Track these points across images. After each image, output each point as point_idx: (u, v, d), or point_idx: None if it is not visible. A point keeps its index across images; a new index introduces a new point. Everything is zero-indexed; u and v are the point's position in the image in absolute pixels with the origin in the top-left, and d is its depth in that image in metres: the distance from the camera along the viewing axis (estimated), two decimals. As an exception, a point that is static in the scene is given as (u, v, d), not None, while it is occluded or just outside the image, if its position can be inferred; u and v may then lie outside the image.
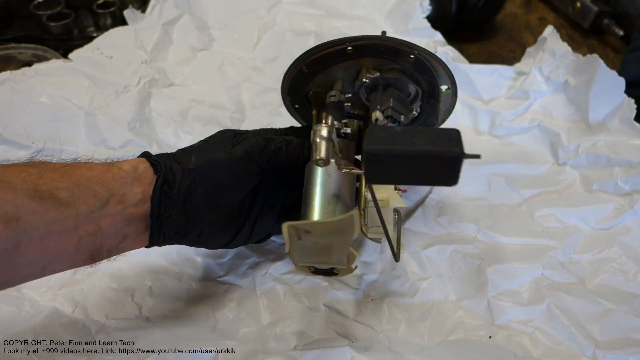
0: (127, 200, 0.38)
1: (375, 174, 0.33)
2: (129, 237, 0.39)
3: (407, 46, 0.43)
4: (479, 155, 0.32)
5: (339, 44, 0.43)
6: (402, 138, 0.32)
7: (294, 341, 0.44)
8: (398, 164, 0.32)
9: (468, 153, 0.32)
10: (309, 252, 0.40)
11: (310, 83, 0.46)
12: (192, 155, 0.42)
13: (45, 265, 0.35)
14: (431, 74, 0.44)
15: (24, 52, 0.73)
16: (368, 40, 0.43)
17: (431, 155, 0.31)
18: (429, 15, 0.77)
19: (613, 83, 0.61)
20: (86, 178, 0.36)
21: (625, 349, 0.43)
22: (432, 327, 0.46)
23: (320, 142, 0.39)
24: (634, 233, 0.52)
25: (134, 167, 0.39)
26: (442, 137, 0.32)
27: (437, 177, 0.33)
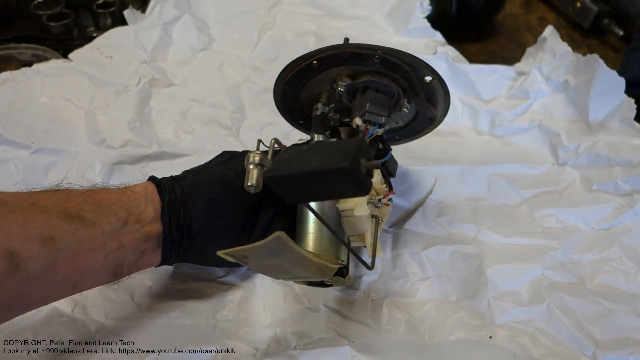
0: (143, 219, 0.41)
1: (288, 195, 0.35)
2: (145, 253, 0.41)
3: (369, 49, 0.42)
4: (378, 162, 0.33)
5: (304, 60, 0.43)
6: (300, 159, 0.33)
7: (294, 341, 0.44)
8: (301, 184, 0.33)
9: (366, 163, 0.32)
10: (269, 270, 0.40)
11: (298, 99, 0.48)
12: (190, 173, 0.45)
13: (77, 283, 0.38)
14: (404, 69, 0.43)
15: (24, 52, 0.73)
16: (328, 51, 0.43)
17: (320, 172, 0.31)
18: (429, 15, 0.77)
19: (613, 83, 0.61)
20: (106, 201, 0.40)
21: (625, 348, 0.43)
22: (432, 327, 0.46)
23: (251, 169, 0.40)
24: (634, 233, 0.52)
25: (144, 189, 0.43)
26: (338, 151, 0.32)
27: (346, 189, 0.33)
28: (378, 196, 0.43)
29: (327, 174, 0.31)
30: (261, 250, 0.34)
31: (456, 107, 0.68)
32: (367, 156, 0.32)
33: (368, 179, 0.33)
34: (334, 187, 0.33)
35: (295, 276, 0.42)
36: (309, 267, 0.39)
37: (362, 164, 0.32)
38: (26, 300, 0.36)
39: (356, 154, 0.31)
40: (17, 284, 0.34)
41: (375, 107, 0.43)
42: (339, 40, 0.75)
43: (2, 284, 0.33)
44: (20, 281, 0.34)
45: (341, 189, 0.33)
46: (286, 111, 0.50)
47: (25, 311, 0.38)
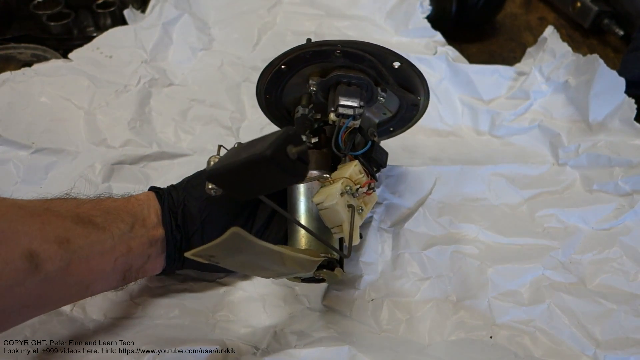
0: (148, 224, 0.43)
1: (234, 191, 0.35)
2: (151, 257, 0.43)
3: (328, 44, 0.42)
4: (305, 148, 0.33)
5: (274, 67, 0.44)
6: (234, 153, 0.33)
7: (294, 340, 0.44)
8: (237, 178, 0.33)
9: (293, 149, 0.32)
10: (250, 269, 0.40)
11: (283, 105, 0.48)
12: (186, 179, 0.47)
13: (89, 285, 0.39)
14: (367, 59, 0.43)
15: (24, 52, 0.73)
16: (291, 53, 0.43)
17: (247, 163, 0.32)
18: (429, 15, 0.77)
19: (613, 83, 0.61)
20: (113, 207, 0.42)
21: (626, 349, 0.43)
22: (432, 327, 0.46)
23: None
24: (634, 233, 0.52)
25: (147, 197, 0.45)
26: (265, 141, 0.32)
27: (279, 178, 0.33)
28: (356, 185, 0.44)
29: (253, 164, 0.32)
30: (222, 247, 0.34)
31: (456, 107, 0.68)
32: (296, 142, 0.32)
33: (300, 165, 0.33)
34: (268, 177, 0.33)
35: (278, 273, 0.42)
36: (285, 262, 0.39)
37: (290, 151, 0.32)
38: (43, 301, 0.37)
39: (279, 142, 0.31)
40: (36, 284, 0.35)
41: (346, 100, 0.43)
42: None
43: (23, 283, 0.34)
44: (39, 281, 0.35)
45: (275, 179, 0.33)
46: (275, 118, 0.51)
47: (42, 312, 0.38)
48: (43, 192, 0.55)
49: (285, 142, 0.32)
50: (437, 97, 0.68)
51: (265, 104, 0.48)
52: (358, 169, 0.44)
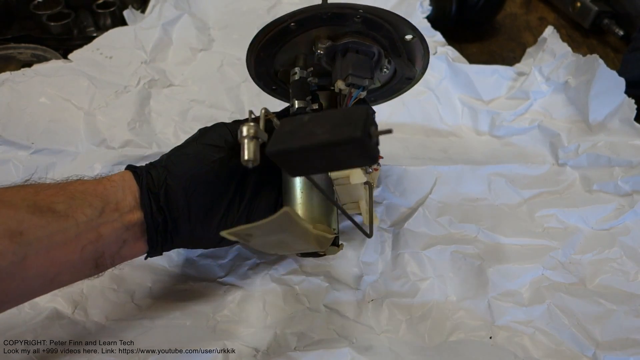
0: (122, 207, 0.40)
1: (292, 169, 0.33)
2: (128, 242, 0.40)
3: (350, 8, 0.40)
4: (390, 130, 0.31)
5: (280, 23, 0.41)
6: (304, 130, 0.31)
7: (295, 342, 0.44)
8: (307, 157, 0.31)
9: (376, 131, 0.31)
10: (270, 246, 0.39)
11: (274, 63, 0.45)
12: (164, 156, 0.44)
13: (54, 277, 0.37)
14: (385, 29, 0.42)
15: (24, 52, 0.73)
16: (307, 12, 0.41)
17: (330, 143, 0.30)
18: (429, 16, 0.77)
19: (613, 83, 0.61)
20: (80, 191, 0.39)
21: (625, 349, 0.43)
22: (432, 327, 0.46)
23: (247, 143, 0.36)
24: (634, 233, 0.52)
25: (121, 178, 0.41)
26: (345, 120, 0.30)
27: (354, 160, 0.32)
28: (372, 169, 0.43)
29: (337, 145, 0.30)
30: (268, 227, 0.34)
31: (456, 107, 0.68)
32: (374, 124, 0.31)
33: (377, 149, 0.32)
34: (342, 158, 0.31)
35: (294, 249, 0.41)
36: (308, 240, 0.39)
37: (373, 133, 0.30)
38: (2, 298, 0.35)
39: (366, 123, 0.30)
40: None
41: (357, 70, 0.41)
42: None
43: None
44: None
45: (349, 160, 0.31)
46: (259, 77, 0.47)
47: (4, 309, 0.37)
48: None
49: (368, 123, 0.30)
50: (437, 97, 0.68)
51: (255, 60, 0.45)
52: None
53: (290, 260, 0.52)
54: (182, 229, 0.42)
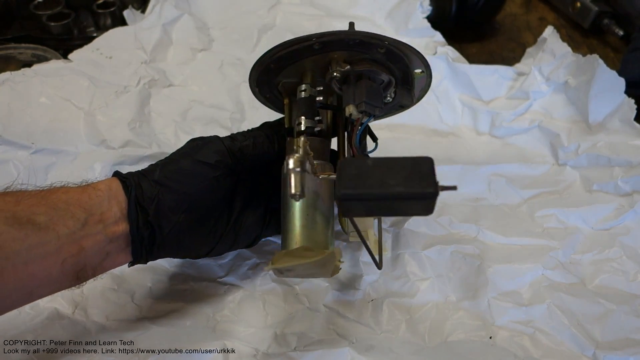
0: (107, 219, 0.38)
1: (349, 211, 0.34)
2: (111, 254, 0.39)
3: (377, 39, 0.41)
4: (454, 187, 0.32)
5: (305, 41, 0.42)
6: (373, 177, 0.32)
7: (294, 342, 0.44)
8: (372, 203, 0.33)
9: (443, 186, 0.32)
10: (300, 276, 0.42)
11: (279, 75, 0.45)
12: (157, 167, 0.42)
13: (32, 291, 0.36)
14: (403, 62, 0.43)
15: (24, 52, 0.73)
16: (335, 36, 0.41)
17: (404, 196, 0.32)
18: (429, 16, 0.77)
19: (613, 83, 0.61)
20: (62, 201, 0.37)
21: (625, 349, 0.43)
22: (432, 327, 0.46)
23: (292, 176, 0.37)
24: (634, 233, 0.52)
25: (107, 187, 0.40)
26: (415, 173, 0.32)
27: (412, 210, 0.33)
28: None
29: (411, 198, 0.32)
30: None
31: (456, 107, 0.68)
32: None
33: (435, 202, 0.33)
34: (404, 207, 0.33)
35: (313, 277, 0.43)
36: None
37: (439, 188, 0.32)
38: None
39: (435, 178, 0.32)
40: None
41: (371, 98, 0.41)
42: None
43: None
44: None
45: (410, 210, 0.33)
46: (258, 83, 0.47)
47: None
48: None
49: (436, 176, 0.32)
50: (437, 97, 0.68)
51: (263, 69, 0.44)
52: None
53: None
54: (169, 243, 0.42)
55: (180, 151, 0.45)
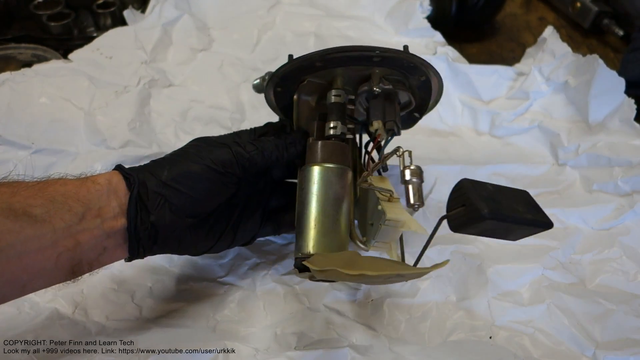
0: (105, 214, 0.38)
1: (463, 227, 0.37)
2: (108, 249, 0.39)
3: (425, 66, 0.43)
4: (551, 224, 0.36)
5: (367, 51, 0.42)
6: (503, 202, 0.35)
7: (295, 342, 0.44)
8: (500, 224, 0.35)
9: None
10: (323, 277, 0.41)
11: (312, 74, 0.45)
12: (165, 167, 0.41)
13: (25, 284, 0.35)
14: (429, 93, 0.45)
15: (24, 52, 0.73)
16: (397, 54, 0.42)
17: (529, 223, 0.35)
18: (429, 16, 0.77)
19: (613, 83, 0.61)
20: (60, 194, 0.36)
21: (625, 349, 0.43)
22: (432, 327, 0.46)
23: (411, 187, 0.38)
24: (634, 233, 0.52)
25: (108, 180, 0.39)
26: (529, 203, 0.36)
27: (520, 235, 0.36)
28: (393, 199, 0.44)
29: (535, 225, 0.35)
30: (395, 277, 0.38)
31: (456, 107, 0.68)
32: None
33: None
34: (519, 232, 0.36)
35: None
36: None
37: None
38: None
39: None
40: None
41: (398, 119, 0.43)
42: (338, 40, 0.75)
43: None
44: None
45: (520, 235, 0.37)
46: (286, 77, 0.45)
47: None
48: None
49: None
50: (437, 97, 0.68)
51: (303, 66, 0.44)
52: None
53: (291, 260, 0.52)
54: (169, 242, 0.42)
55: (186, 152, 0.44)
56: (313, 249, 0.40)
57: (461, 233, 0.40)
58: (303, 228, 0.41)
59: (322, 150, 0.42)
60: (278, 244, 0.53)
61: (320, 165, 0.42)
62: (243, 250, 0.52)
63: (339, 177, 0.42)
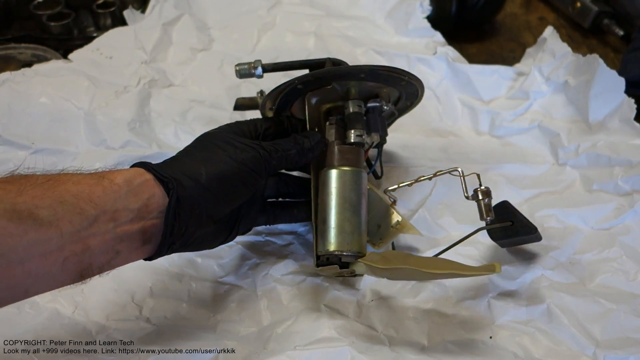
0: (120, 217, 0.35)
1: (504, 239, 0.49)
2: (122, 252, 0.37)
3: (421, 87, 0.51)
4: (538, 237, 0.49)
5: (403, 75, 0.48)
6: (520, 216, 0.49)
7: (295, 341, 0.44)
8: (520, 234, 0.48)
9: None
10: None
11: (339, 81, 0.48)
12: (201, 168, 0.40)
13: (28, 289, 0.34)
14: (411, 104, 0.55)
15: (24, 52, 0.73)
16: (418, 82, 0.50)
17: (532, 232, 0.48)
18: (429, 15, 0.77)
19: (613, 83, 0.61)
20: (72, 194, 0.34)
21: (625, 348, 0.43)
22: (432, 327, 0.46)
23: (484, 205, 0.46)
24: (634, 233, 0.52)
25: (127, 181, 0.37)
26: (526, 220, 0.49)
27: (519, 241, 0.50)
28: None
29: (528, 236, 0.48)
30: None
31: (456, 107, 0.68)
32: None
33: None
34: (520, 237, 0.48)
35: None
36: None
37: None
38: None
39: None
40: None
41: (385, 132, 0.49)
42: (338, 40, 0.75)
43: None
44: None
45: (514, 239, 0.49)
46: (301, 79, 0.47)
47: None
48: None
49: None
50: (437, 97, 0.68)
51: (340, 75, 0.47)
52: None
53: (291, 260, 0.52)
54: (194, 244, 0.42)
55: (214, 151, 0.42)
56: (347, 246, 0.44)
57: (498, 243, 0.49)
58: (330, 228, 0.45)
59: (347, 154, 0.46)
60: (278, 245, 0.53)
61: (346, 169, 0.46)
62: (243, 250, 0.52)
63: (362, 180, 0.46)
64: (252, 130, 0.47)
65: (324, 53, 0.73)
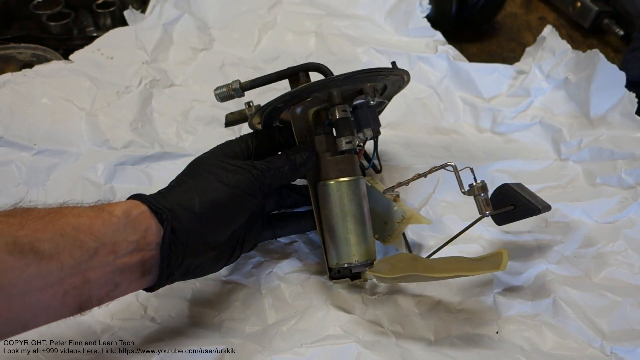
0: (120, 249, 0.36)
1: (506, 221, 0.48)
2: (121, 285, 0.37)
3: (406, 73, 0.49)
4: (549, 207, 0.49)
5: (382, 72, 0.47)
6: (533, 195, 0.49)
7: (301, 339, 0.44)
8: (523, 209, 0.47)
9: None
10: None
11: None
12: (194, 197, 0.40)
13: (27, 322, 0.34)
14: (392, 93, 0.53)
15: (24, 52, 0.72)
16: (407, 75, 0.50)
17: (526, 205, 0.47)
18: (429, 15, 0.77)
19: (614, 77, 0.61)
20: (72, 227, 0.35)
21: (632, 340, 0.43)
22: (438, 323, 0.46)
23: (480, 200, 0.45)
24: (638, 226, 0.52)
25: (125, 213, 0.37)
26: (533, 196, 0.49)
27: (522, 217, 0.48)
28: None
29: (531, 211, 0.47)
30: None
31: (457, 105, 0.68)
32: None
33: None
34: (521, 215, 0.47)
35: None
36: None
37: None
38: None
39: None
40: None
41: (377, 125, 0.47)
42: (339, 39, 0.75)
43: None
44: None
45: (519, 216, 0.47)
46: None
47: None
48: (46, 194, 0.55)
49: None
50: (438, 95, 0.68)
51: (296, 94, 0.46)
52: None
53: (295, 259, 0.52)
54: (194, 272, 0.42)
55: (206, 177, 0.42)
56: (354, 257, 0.45)
57: (504, 225, 0.49)
58: (336, 242, 0.45)
59: (341, 164, 0.46)
60: (282, 243, 0.53)
61: (342, 180, 0.45)
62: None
63: (360, 187, 0.46)
64: (244, 149, 0.47)
65: (325, 52, 0.73)
